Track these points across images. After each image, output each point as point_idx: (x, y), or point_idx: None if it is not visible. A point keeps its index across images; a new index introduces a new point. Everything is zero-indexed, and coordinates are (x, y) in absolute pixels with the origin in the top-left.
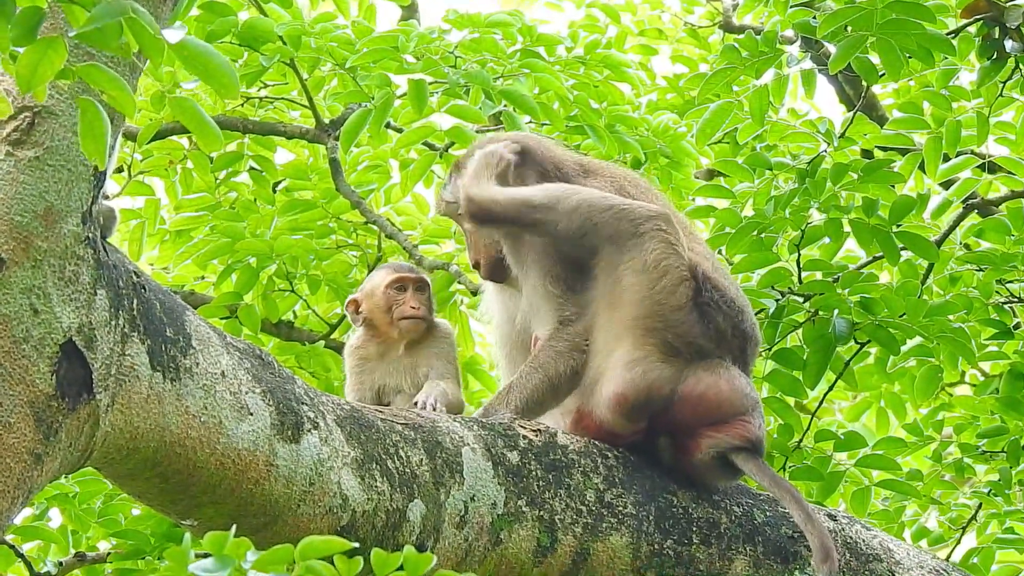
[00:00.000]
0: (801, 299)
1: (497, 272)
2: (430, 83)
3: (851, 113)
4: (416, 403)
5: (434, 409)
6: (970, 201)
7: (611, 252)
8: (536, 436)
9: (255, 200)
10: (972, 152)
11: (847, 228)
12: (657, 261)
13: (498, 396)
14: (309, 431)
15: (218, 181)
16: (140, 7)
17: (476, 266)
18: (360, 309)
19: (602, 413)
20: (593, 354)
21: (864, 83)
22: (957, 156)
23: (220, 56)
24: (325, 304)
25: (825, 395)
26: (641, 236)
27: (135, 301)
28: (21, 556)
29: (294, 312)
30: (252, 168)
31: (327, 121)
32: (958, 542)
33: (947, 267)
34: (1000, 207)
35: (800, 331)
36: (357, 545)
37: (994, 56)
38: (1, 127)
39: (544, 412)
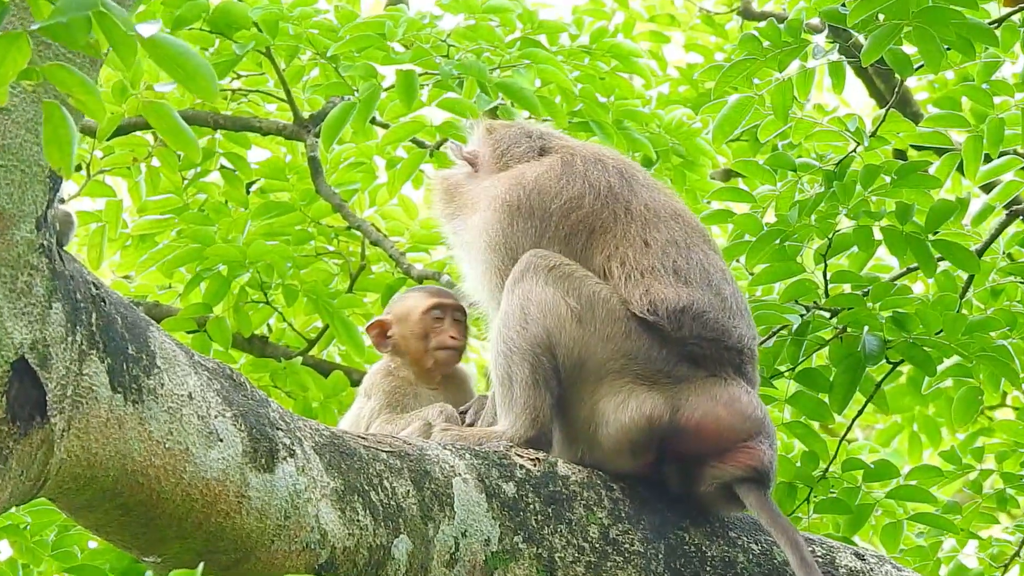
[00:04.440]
0: (828, 314)
1: None
2: (420, 74)
3: (883, 109)
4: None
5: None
6: (1014, 207)
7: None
8: (534, 466)
9: (226, 202)
10: (1016, 152)
11: (878, 236)
12: (548, 303)
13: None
14: (284, 459)
15: (186, 181)
16: None
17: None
18: (389, 333)
19: (607, 459)
20: (577, 407)
21: (898, 77)
22: (999, 157)
23: (196, 55)
24: (303, 317)
25: (854, 420)
26: (514, 292)
27: (94, 315)
28: None
29: (269, 326)
30: (224, 167)
31: (306, 115)
32: None
33: (988, 279)
34: None
35: (827, 349)
36: None
37: None
38: None
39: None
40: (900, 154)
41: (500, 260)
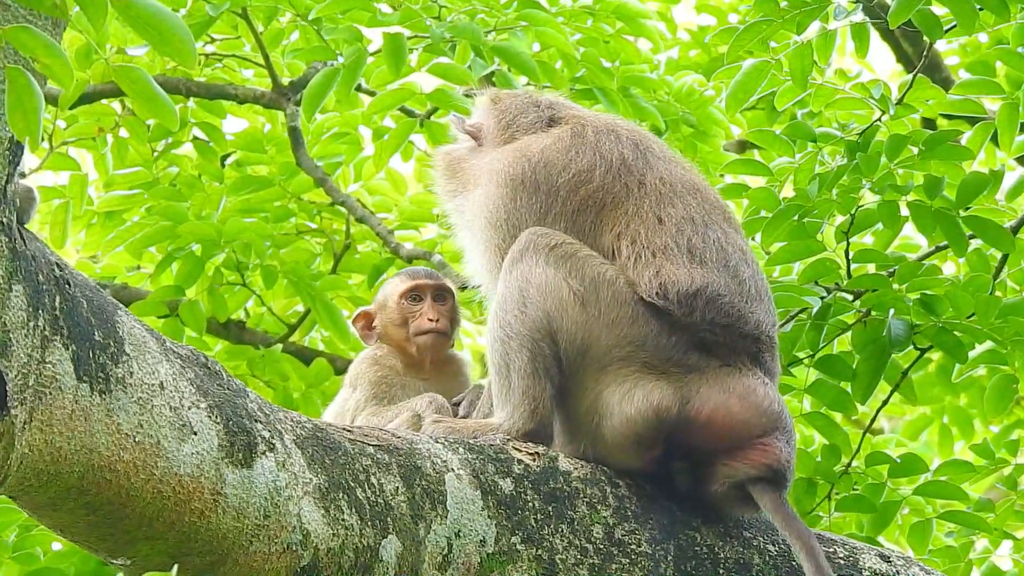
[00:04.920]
0: (850, 296)
1: None
2: (409, 37)
3: (911, 75)
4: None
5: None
6: None
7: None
8: (533, 460)
9: (200, 176)
10: None
11: (905, 212)
12: (548, 287)
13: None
14: (263, 454)
15: (156, 153)
16: None
17: None
18: (373, 324)
19: (611, 453)
20: (579, 397)
21: (926, 39)
22: None
23: (172, 15)
24: (283, 300)
25: (878, 411)
26: (513, 275)
27: (58, 299)
28: None
29: (246, 310)
30: (197, 138)
31: (286, 82)
32: None
33: None
34: None
35: (849, 334)
36: None
37: None
38: None
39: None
40: (929, 123)
41: (501, 238)
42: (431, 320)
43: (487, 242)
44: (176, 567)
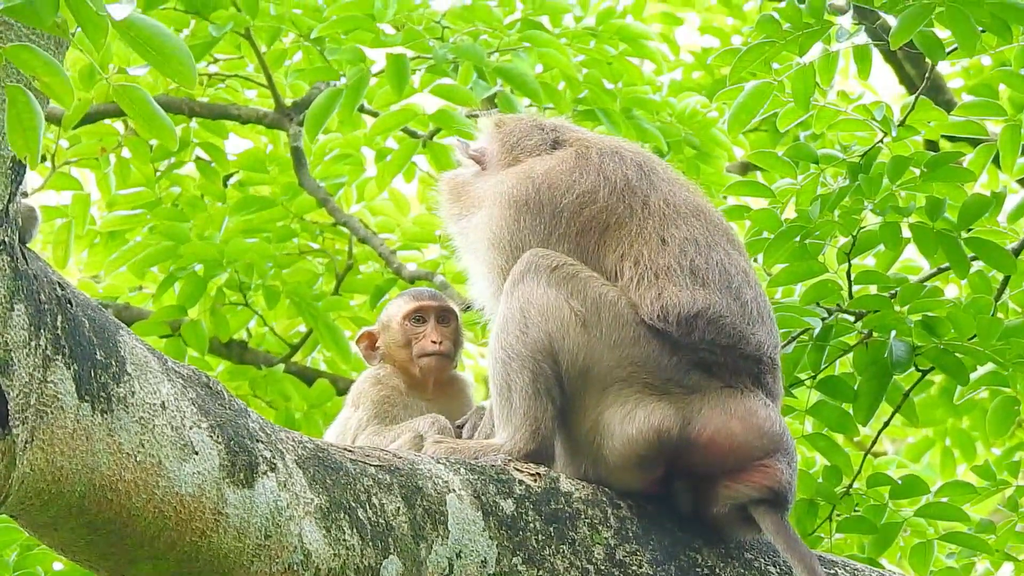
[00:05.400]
0: (852, 318)
1: None
2: (412, 58)
3: (913, 96)
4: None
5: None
6: None
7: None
8: (535, 481)
9: (202, 196)
10: None
11: (907, 233)
12: (551, 307)
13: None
14: (265, 473)
15: (159, 173)
16: None
17: None
18: (377, 344)
19: (613, 474)
20: (580, 418)
21: (928, 61)
22: None
23: (172, 36)
24: (285, 320)
25: (879, 433)
26: (513, 296)
27: (59, 318)
28: None
29: (248, 330)
30: (199, 158)
31: (289, 103)
32: None
33: None
34: None
35: (851, 356)
36: None
37: None
38: None
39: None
40: (931, 145)
41: (504, 260)
42: (434, 342)
43: (490, 263)
44: None
